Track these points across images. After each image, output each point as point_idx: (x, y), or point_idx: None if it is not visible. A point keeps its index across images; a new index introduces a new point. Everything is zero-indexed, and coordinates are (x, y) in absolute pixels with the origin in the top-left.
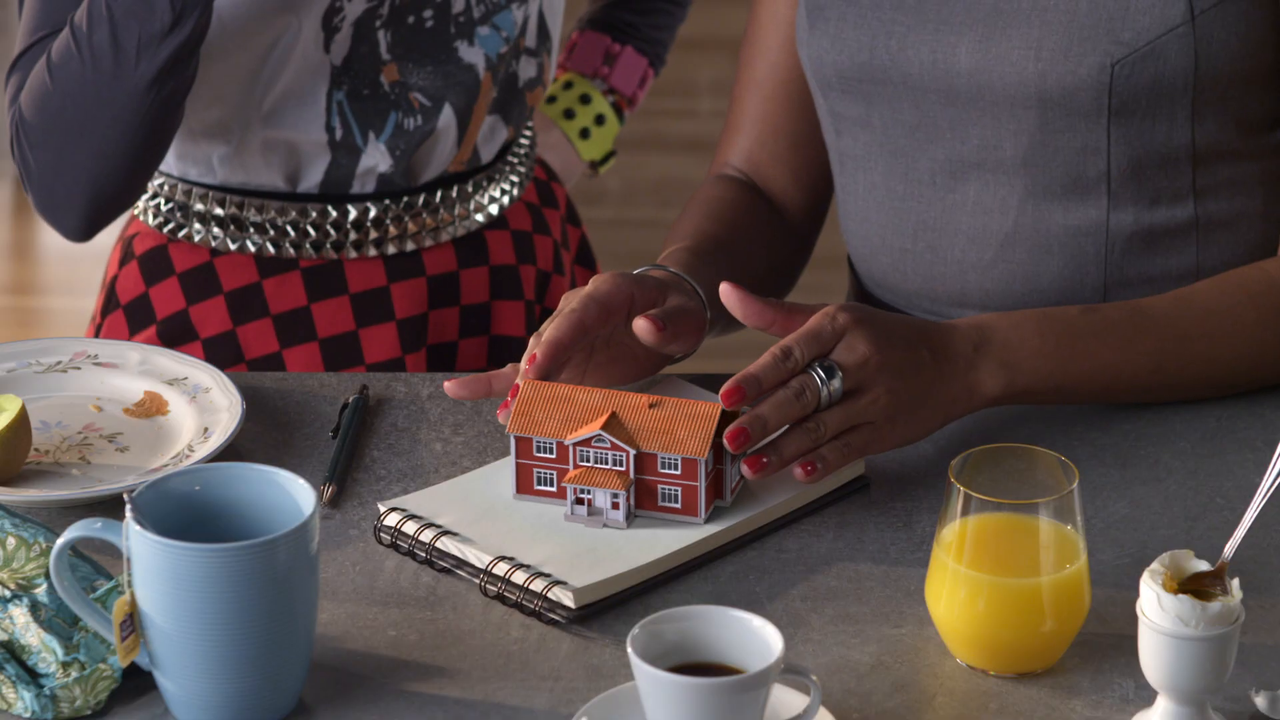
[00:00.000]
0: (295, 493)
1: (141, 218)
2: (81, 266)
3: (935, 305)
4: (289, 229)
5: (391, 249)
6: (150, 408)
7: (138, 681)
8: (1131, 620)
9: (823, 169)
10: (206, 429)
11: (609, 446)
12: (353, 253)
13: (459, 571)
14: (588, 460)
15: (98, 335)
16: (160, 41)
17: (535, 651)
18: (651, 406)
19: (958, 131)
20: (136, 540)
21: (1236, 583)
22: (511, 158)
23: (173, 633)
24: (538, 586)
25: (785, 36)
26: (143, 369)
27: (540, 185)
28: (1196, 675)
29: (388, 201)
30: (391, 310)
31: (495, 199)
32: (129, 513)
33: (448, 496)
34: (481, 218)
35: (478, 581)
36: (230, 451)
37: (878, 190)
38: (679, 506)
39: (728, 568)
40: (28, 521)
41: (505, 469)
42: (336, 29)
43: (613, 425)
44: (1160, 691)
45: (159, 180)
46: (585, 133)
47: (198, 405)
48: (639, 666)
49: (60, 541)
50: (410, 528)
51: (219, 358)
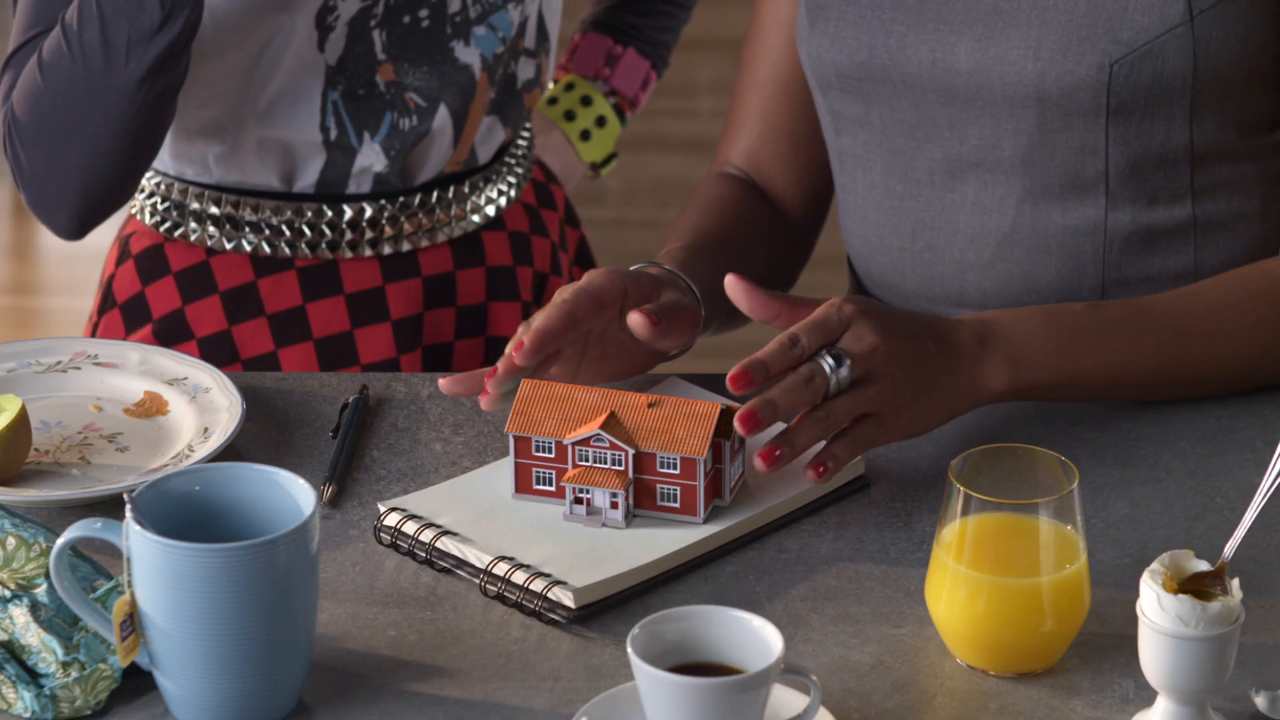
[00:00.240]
0: (295, 493)
1: (138, 216)
2: (81, 266)
3: (934, 305)
4: (284, 228)
5: (387, 249)
6: (150, 408)
7: (138, 681)
8: (1131, 620)
9: (823, 168)
10: (206, 429)
11: (608, 446)
12: (348, 253)
13: (459, 571)
14: (587, 460)
15: (95, 334)
16: (150, 39)
17: (535, 651)
18: (650, 406)
19: (956, 131)
20: (136, 540)
21: (1236, 583)
22: (509, 159)
23: (173, 633)
24: (538, 586)
25: (786, 36)
26: (143, 369)
27: (538, 186)
28: (1196, 675)
29: (383, 202)
30: (387, 311)
31: (492, 200)
32: (129, 513)
33: (448, 496)
34: (478, 219)
35: (478, 581)
36: (230, 451)
37: (877, 189)
38: (678, 506)
39: (728, 568)
40: (28, 521)
41: (505, 469)
42: (330, 28)
43: (611, 425)
44: (1160, 691)
45: (155, 179)
46: (586, 135)
47: (198, 405)
48: (639, 666)
49: (60, 541)
50: (410, 528)
51: (214, 357)
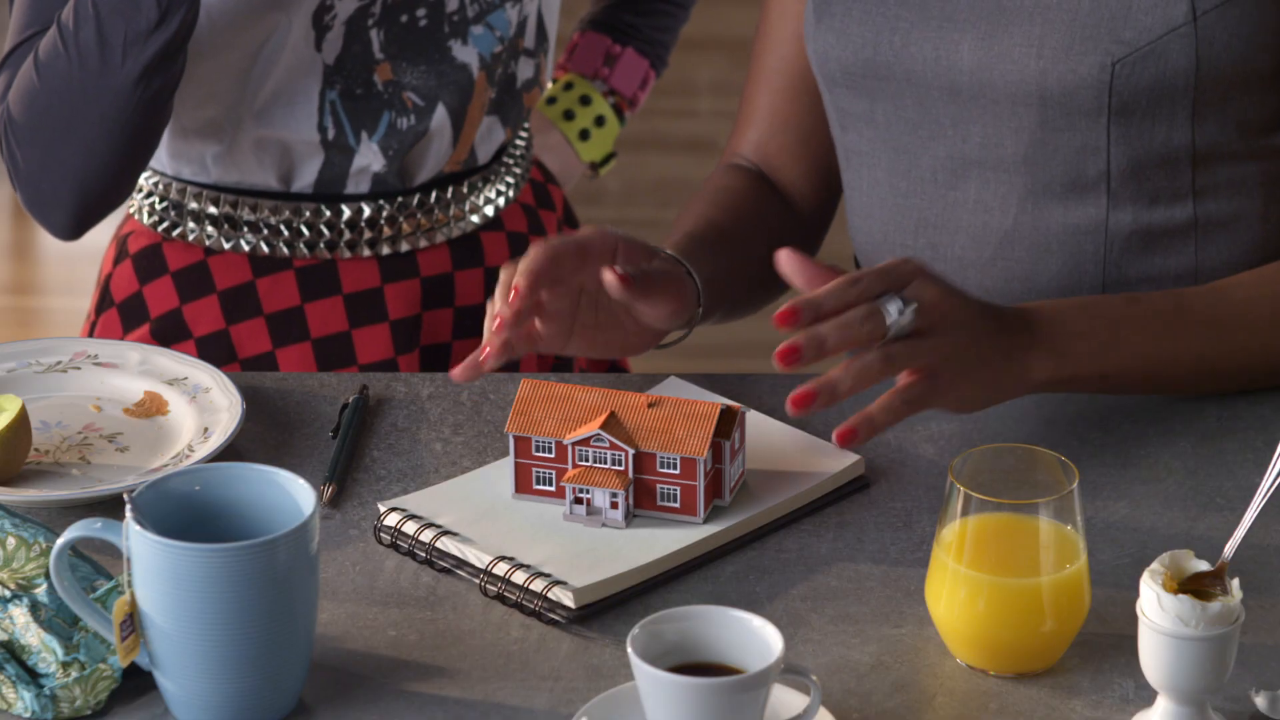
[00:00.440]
0: (295, 493)
1: (136, 216)
2: (80, 266)
3: None
4: (283, 228)
5: (385, 249)
6: (150, 408)
7: (138, 681)
8: (1131, 620)
9: (832, 163)
10: (206, 429)
11: (608, 446)
12: (346, 253)
13: (459, 571)
14: (586, 460)
15: (92, 333)
16: (146, 38)
17: (535, 651)
18: (650, 406)
19: (959, 129)
20: (136, 540)
21: (1236, 583)
22: (507, 159)
23: (173, 633)
24: (538, 586)
25: (795, 30)
26: (143, 369)
27: (537, 187)
28: (1196, 675)
29: (382, 202)
30: (385, 311)
31: (491, 200)
32: (129, 513)
33: (448, 496)
34: (477, 219)
35: (478, 581)
36: (230, 451)
37: (881, 186)
38: (678, 506)
39: (728, 568)
40: (28, 521)
41: (505, 469)
42: (328, 27)
43: (611, 425)
44: (1160, 691)
45: (153, 178)
46: (585, 134)
47: (198, 405)
48: (639, 666)
49: (60, 541)
50: (410, 528)
51: (212, 357)
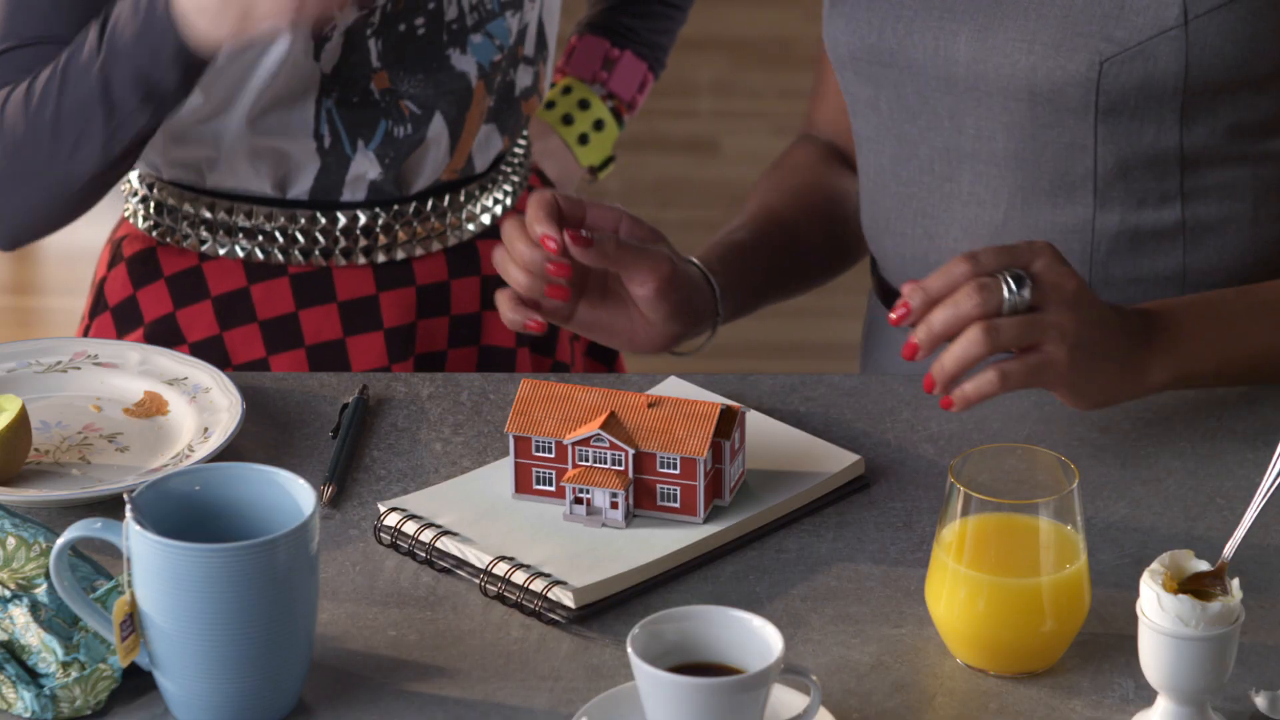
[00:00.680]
0: (295, 493)
1: (131, 219)
2: (80, 266)
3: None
4: (278, 235)
5: (381, 257)
6: (150, 408)
7: (138, 681)
8: (1131, 620)
9: None
10: (206, 429)
11: (608, 446)
12: (342, 260)
13: (459, 571)
14: (587, 460)
15: (86, 336)
16: (105, 143)
17: (535, 651)
18: (650, 406)
19: (955, 121)
20: (136, 540)
21: (1236, 583)
22: (505, 166)
23: (173, 633)
24: (538, 586)
25: None
26: (143, 369)
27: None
28: (1196, 675)
29: (378, 209)
30: (380, 319)
31: (488, 209)
32: (129, 513)
33: (448, 496)
34: (474, 227)
35: (478, 581)
36: (230, 451)
37: (885, 173)
38: (678, 506)
39: (728, 568)
40: (28, 521)
41: (505, 469)
42: (327, 38)
43: (611, 425)
44: (1160, 691)
45: (148, 182)
46: (584, 138)
47: (198, 405)
48: (639, 666)
49: (60, 541)
50: (410, 528)
51: (205, 362)
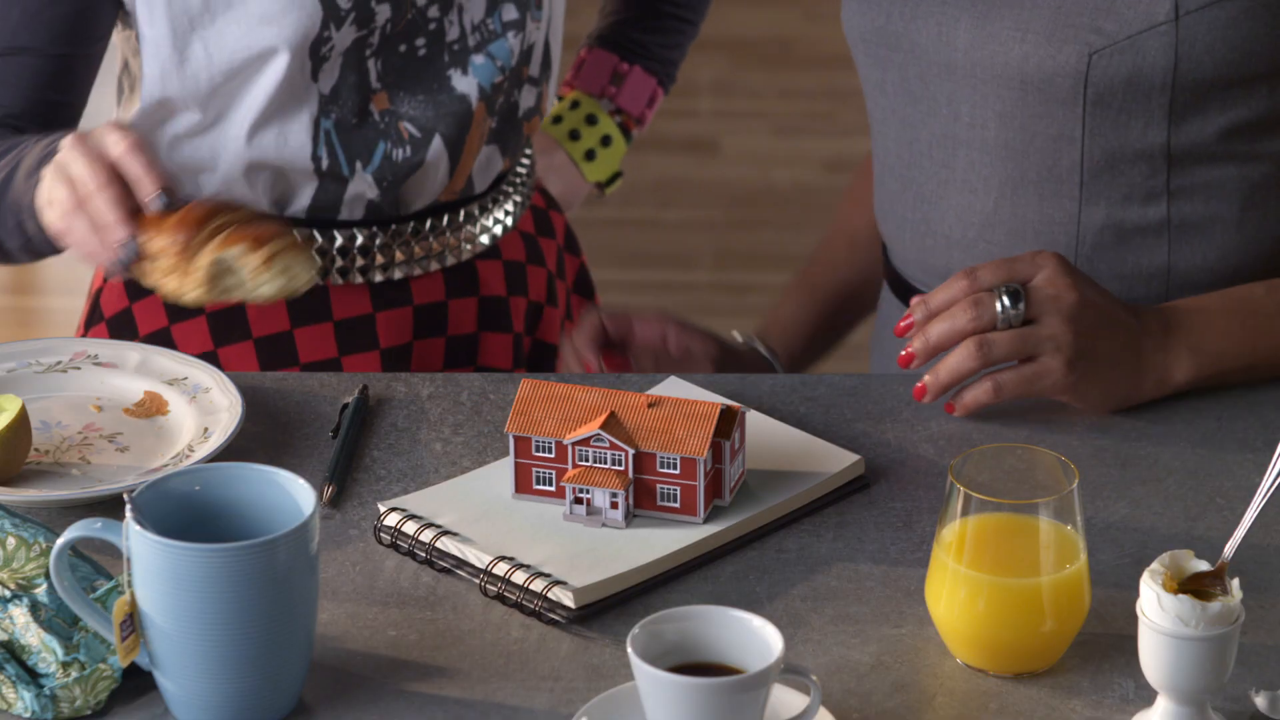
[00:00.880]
0: (295, 493)
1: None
2: (80, 266)
3: (927, 277)
4: None
5: (378, 276)
6: (150, 408)
7: (138, 681)
8: (1131, 620)
9: None
10: (206, 429)
11: (608, 446)
12: (339, 279)
13: (459, 571)
14: (587, 460)
15: None
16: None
17: (535, 651)
18: (650, 406)
19: (952, 107)
20: (136, 540)
21: (1236, 583)
22: (507, 186)
23: (173, 633)
24: (538, 586)
25: None
26: (143, 369)
27: (537, 213)
28: (1196, 675)
29: (375, 229)
30: (376, 339)
31: (488, 229)
32: (129, 513)
33: (448, 496)
34: (473, 247)
35: (478, 581)
36: (230, 451)
37: (890, 156)
38: (678, 506)
39: (728, 568)
40: (28, 521)
41: (505, 469)
42: (325, 58)
43: (611, 425)
44: (1160, 691)
45: None
46: (590, 154)
47: (198, 405)
48: (639, 666)
49: (60, 541)
50: (410, 528)
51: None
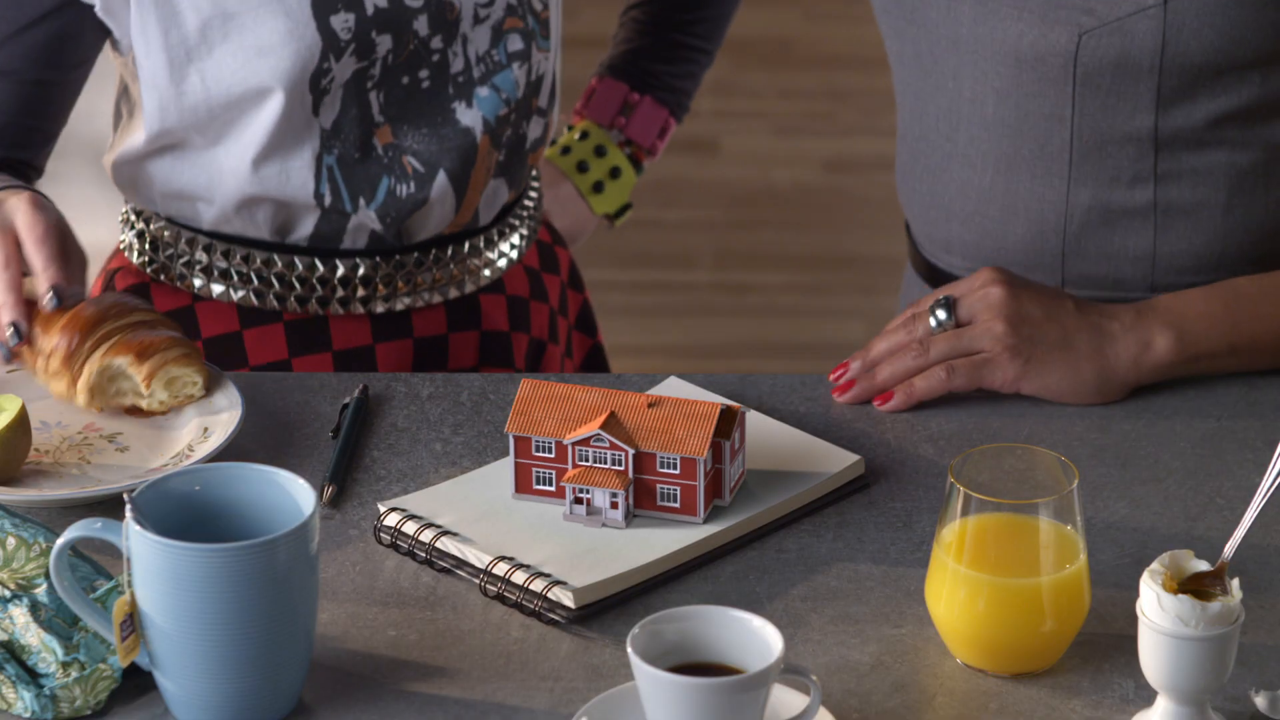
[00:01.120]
0: (295, 493)
1: (126, 252)
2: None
3: (933, 248)
4: (274, 280)
5: (379, 308)
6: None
7: (138, 681)
8: (1131, 620)
9: None
10: (206, 429)
11: (608, 446)
12: (339, 309)
13: (459, 571)
14: (587, 460)
15: None
16: None
17: (535, 651)
18: (650, 406)
19: (957, 82)
20: (136, 540)
21: (1236, 583)
22: (513, 219)
23: (173, 633)
24: (538, 586)
25: None
26: None
27: (543, 248)
28: (1196, 675)
29: (378, 259)
30: (375, 370)
31: (492, 261)
32: (129, 513)
33: (448, 496)
34: (476, 280)
35: (478, 581)
36: (230, 451)
37: (905, 128)
38: (678, 506)
39: (728, 568)
40: (28, 521)
41: (505, 469)
42: (325, 91)
43: (611, 425)
44: (1160, 691)
45: (145, 216)
46: (598, 186)
47: (198, 405)
48: (639, 666)
49: (60, 541)
50: (410, 528)
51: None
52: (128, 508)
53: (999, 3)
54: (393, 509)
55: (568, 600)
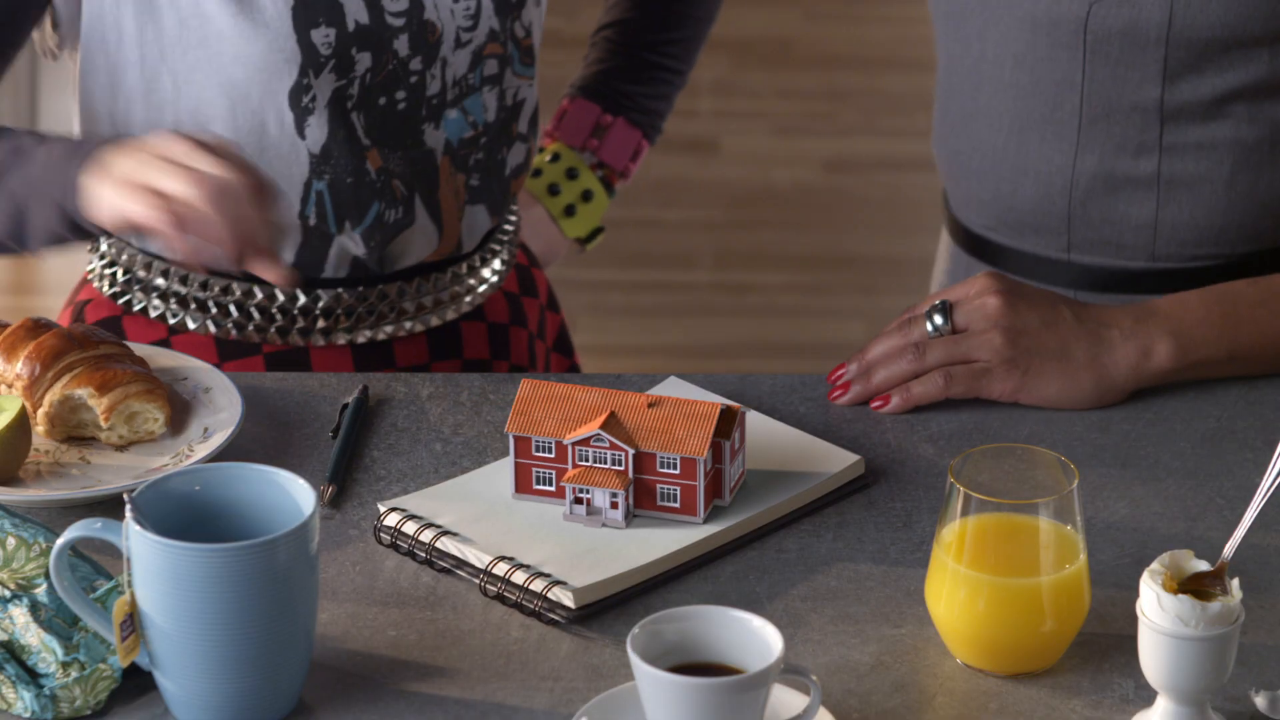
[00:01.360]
0: (295, 493)
1: (95, 283)
2: (81, 266)
3: (957, 204)
4: (254, 311)
5: (361, 338)
6: None
7: (138, 681)
8: (1131, 620)
9: None
10: (206, 429)
11: (608, 446)
12: (320, 340)
13: (459, 571)
14: (587, 460)
15: None
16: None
17: (535, 651)
18: (650, 406)
19: (981, 42)
20: (136, 540)
21: (1236, 583)
22: (494, 245)
23: (173, 633)
24: (538, 586)
25: None
26: None
27: (521, 271)
28: (1196, 675)
29: (361, 288)
30: None
31: (472, 289)
32: (129, 513)
33: (448, 496)
34: (458, 308)
35: (478, 581)
36: (230, 451)
37: (940, 79)
38: (678, 506)
39: (728, 568)
40: (28, 521)
41: (505, 469)
42: (309, 110)
43: (611, 424)
44: (1160, 691)
45: (113, 245)
46: (570, 210)
47: (198, 405)
48: (639, 666)
49: (60, 541)
50: (410, 528)
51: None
52: (128, 508)
53: None
54: (393, 509)
55: (568, 600)
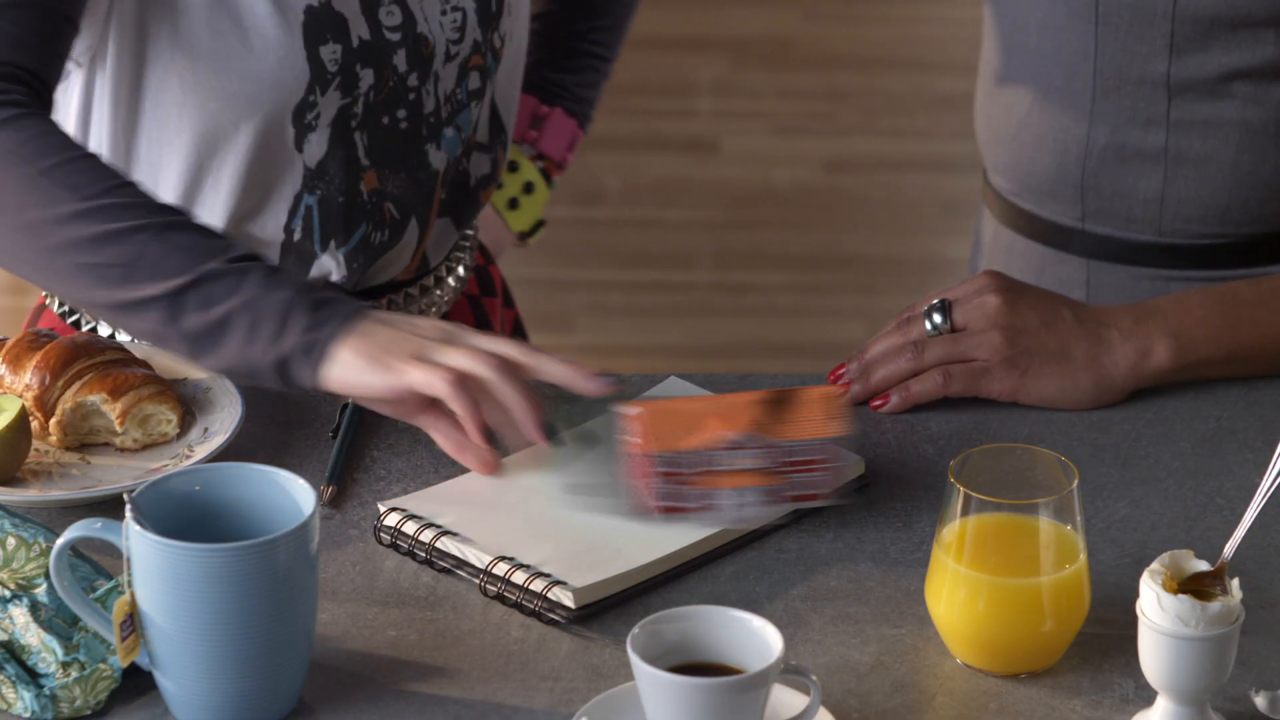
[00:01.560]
0: (295, 493)
1: (49, 303)
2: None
3: (991, 172)
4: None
5: None
6: None
7: (138, 681)
8: (1131, 620)
9: None
10: (206, 429)
11: (751, 446)
12: None
13: (459, 571)
14: (727, 465)
15: None
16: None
17: (535, 651)
18: (771, 402)
19: (1012, 10)
20: (136, 540)
21: (1236, 583)
22: (458, 253)
23: (173, 633)
24: (538, 586)
25: None
26: None
27: (480, 272)
28: (1196, 675)
29: None
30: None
31: (437, 301)
32: (129, 513)
33: (448, 496)
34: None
35: (478, 581)
36: (230, 451)
37: (985, 44)
38: (824, 492)
39: (728, 568)
40: (28, 521)
41: (504, 469)
42: (310, 127)
43: (745, 425)
44: (1160, 691)
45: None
46: (514, 203)
47: (198, 405)
48: (639, 666)
49: (60, 541)
50: (410, 528)
51: None
52: (128, 508)
53: None
54: (393, 509)
55: (568, 600)
